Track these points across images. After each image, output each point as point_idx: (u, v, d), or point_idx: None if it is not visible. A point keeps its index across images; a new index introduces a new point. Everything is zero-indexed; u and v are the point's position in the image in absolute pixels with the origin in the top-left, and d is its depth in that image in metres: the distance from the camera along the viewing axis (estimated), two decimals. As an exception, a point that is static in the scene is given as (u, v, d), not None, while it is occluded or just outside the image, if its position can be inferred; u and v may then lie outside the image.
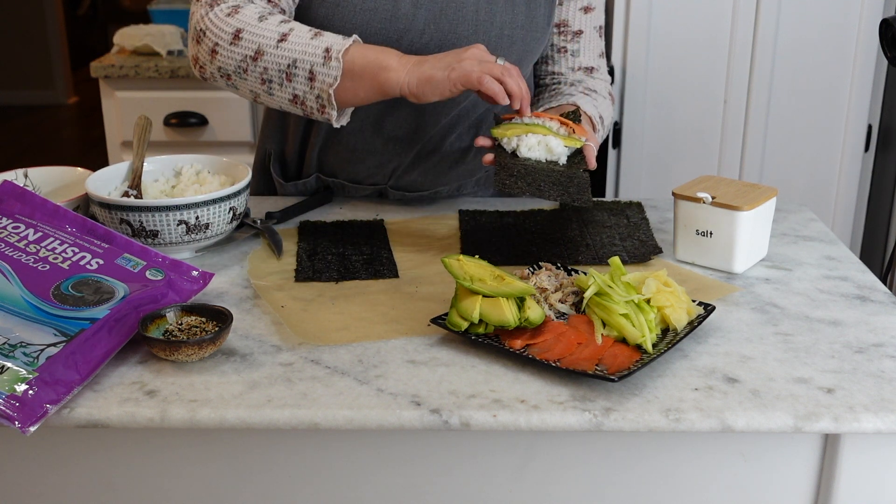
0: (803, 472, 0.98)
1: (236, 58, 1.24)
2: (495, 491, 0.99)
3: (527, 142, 1.21)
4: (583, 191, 1.17)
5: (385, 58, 1.21)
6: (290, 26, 1.24)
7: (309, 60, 1.21)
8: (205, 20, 1.27)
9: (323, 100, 1.22)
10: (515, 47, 1.39)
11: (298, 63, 1.21)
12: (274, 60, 1.22)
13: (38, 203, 1.14)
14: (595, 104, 1.43)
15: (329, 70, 1.20)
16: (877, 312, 1.12)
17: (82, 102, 6.29)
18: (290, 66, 1.22)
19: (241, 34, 1.24)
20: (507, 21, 1.37)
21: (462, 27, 1.35)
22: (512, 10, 1.37)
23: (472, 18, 1.35)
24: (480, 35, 1.36)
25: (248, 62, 1.24)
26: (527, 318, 1.01)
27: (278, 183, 1.52)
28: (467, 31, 1.35)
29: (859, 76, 2.33)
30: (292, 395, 0.92)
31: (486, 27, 1.36)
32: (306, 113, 1.25)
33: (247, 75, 1.25)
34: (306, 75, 1.21)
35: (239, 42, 1.24)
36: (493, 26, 1.36)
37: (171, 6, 3.13)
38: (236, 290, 1.17)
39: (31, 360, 0.92)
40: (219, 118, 2.69)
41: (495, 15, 1.36)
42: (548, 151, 1.21)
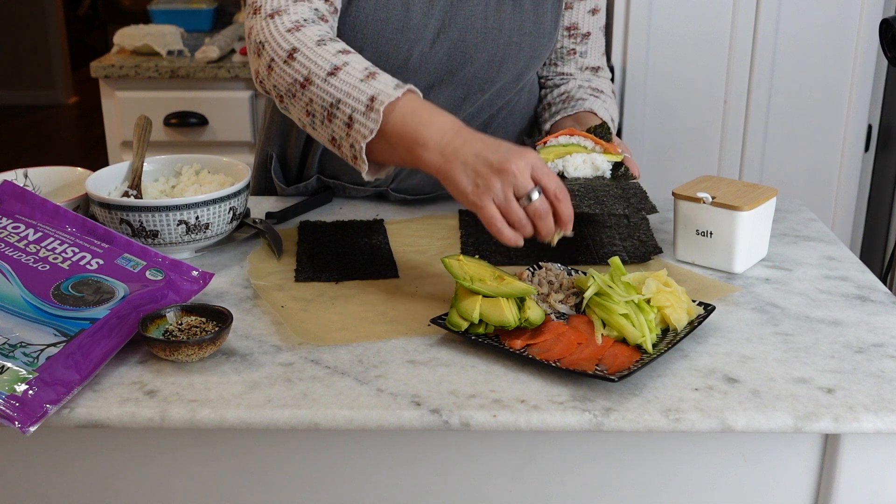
0: (803, 472, 0.98)
1: (287, 79, 1.16)
2: (495, 491, 0.99)
3: (573, 162, 1.23)
4: (643, 198, 1.20)
5: (425, 132, 1.08)
6: (346, 59, 1.14)
7: (351, 105, 1.10)
8: (264, 32, 1.19)
9: (356, 150, 1.11)
10: (523, 54, 1.40)
11: (341, 105, 1.11)
12: (319, 94, 1.13)
13: (38, 203, 1.14)
14: (606, 106, 1.47)
15: (367, 122, 1.09)
16: (877, 312, 1.12)
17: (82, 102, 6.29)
18: (332, 106, 1.12)
19: (296, 55, 1.15)
20: (516, 28, 1.38)
21: (471, 35, 1.36)
22: (520, 17, 1.38)
23: (480, 26, 1.36)
24: (489, 42, 1.36)
25: (297, 88, 1.15)
26: (527, 319, 1.01)
27: (279, 186, 1.52)
28: (476, 38, 1.36)
29: (859, 76, 2.33)
30: (292, 395, 0.93)
31: (494, 35, 1.37)
32: (343, 156, 1.15)
33: (295, 100, 1.16)
34: (345, 120, 1.11)
35: (292, 63, 1.15)
36: (502, 34, 1.37)
37: (171, 6, 3.13)
38: (236, 290, 1.17)
39: (31, 360, 0.92)
40: (219, 118, 2.69)
41: (503, 22, 1.37)
42: (594, 169, 1.24)
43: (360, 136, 1.10)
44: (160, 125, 2.66)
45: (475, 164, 1.04)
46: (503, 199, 1.04)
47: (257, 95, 2.70)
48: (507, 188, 1.03)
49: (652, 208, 1.19)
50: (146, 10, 3.13)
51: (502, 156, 1.04)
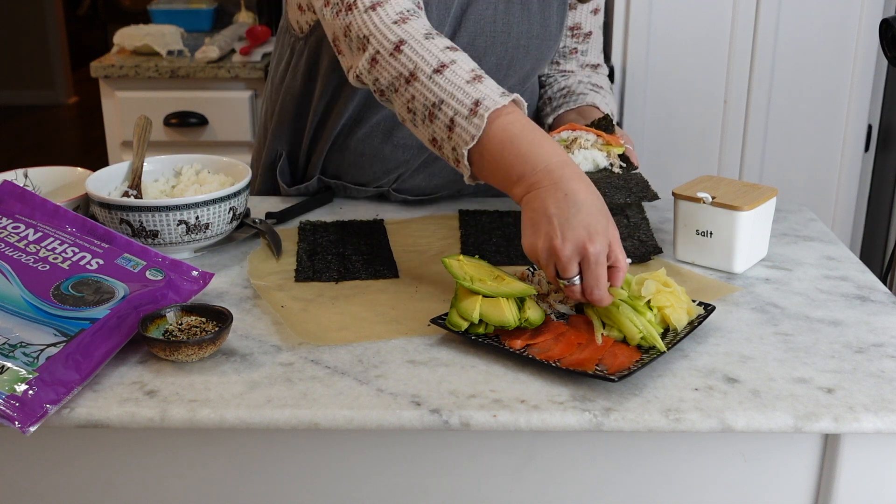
0: (803, 472, 0.98)
1: (392, 72, 1.13)
2: (495, 491, 0.99)
3: (575, 158, 1.24)
4: (644, 188, 1.22)
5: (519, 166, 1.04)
6: (454, 57, 1.11)
7: (454, 107, 1.07)
8: (368, 25, 1.15)
9: (458, 154, 1.08)
10: (530, 56, 1.41)
11: (444, 106, 1.08)
12: (422, 92, 1.10)
13: (38, 203, 1.14)
14: (605, 101, 1.49)
15: (470, 127, 1.06)
16: (877, 312, 1.12)
17: (82, 102, 6.29)
18: (434, 105, 1.09)
19: (403, 47, 1.12)
20: (524, 31, 1.39)
21: (480, 39, 1.36)
22: (528, 20, 1.39)
23: (489, 30, 1.36)
24: (498, 46, 1.37)
25: (401, 82, 1.12)
26: (527, 319, 1.01)
27: (281, 186, 1.52)
28: (485, 42, 1.36)
29: (859, 76, 2.33)
30: (292, 395, 0.93)
31: (503, 38, 1.37)
32: (445, 157, 1.12)
33: (396, 96, 1.13)
34: (447, 122, 1.08)
35: (399, 56, 1.12)
36: (511, 37, 1.38)
37: (171, 6, 3.13)
38: (236, 290, 1.17)
39: (31, 360, 0.92)
40: (219, 118, 2.69)
41: (512, 26, 1.37)
42: (594, 165, 1.25)
43: (462, 141, 1.07)
44: (160, 125, 2.66)
45: (539, 223, 1.02)
46: (545, 266, 1.03)
47: (257, 95, 2.70)
48: (550, 262, 1.02)
49: (654, 196, 1.20)
50: (146, 10, 3.13)
51: (563, 231, 1.00)
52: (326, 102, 1.42)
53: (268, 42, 2.86)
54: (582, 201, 1.01)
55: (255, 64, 2.67)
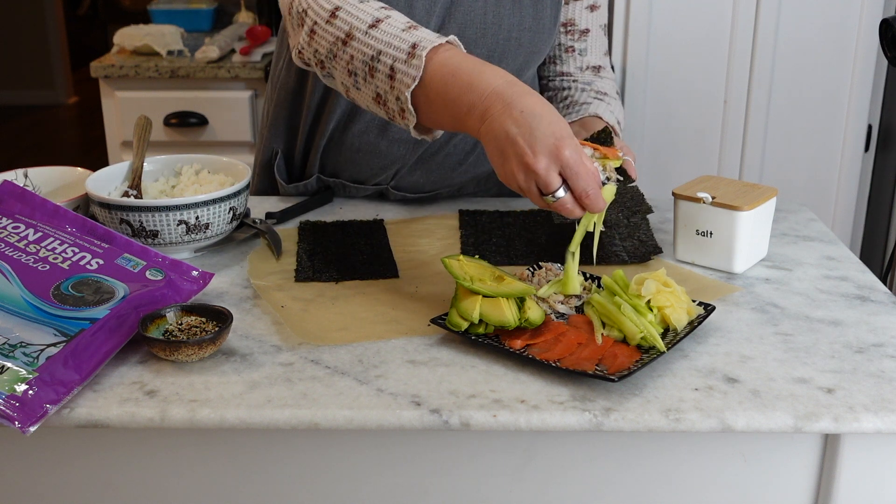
0: (803, 472, 0.98)
1: (329, 38, 1.13)
2: (495, 491, 0.99)
3: None
4: (639, 202, 1.20)
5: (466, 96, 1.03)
6: (388, 13, 1.12)
7: (392, 55, 1.07)
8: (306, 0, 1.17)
9: (402, 102, 1.07)
10: (522, 49, 1.39)
11: (382, 56, 1.08)
12: (360, 48, 1.10)
13: (38, 203, 1.14)
14: (611, 109, 1.45)
15: (409, 69, 1.05)
16: (877, 312, 1.12)
17: (82, 102, 6.29)
18: (373, 59, 1.08)
19: (338, 12, 1.13)
20: (515, 23, 1.37)
21: (470, 30, 1.35)
22: (519, 12, 1.37)
23: (479, 21, 1.35)
24: (488, 38, 1.36)
25: (339, 46, 1.12)
26: (527, 319, 1.01)
27: (280, 184, 1.52)
28: (475, 34, 1.35)
29: (859, 76, 2.33)
30: (292, 395, 0.93)
31: (493, 30, 1.36)
32: (390, 116, 1.11)
33: (336, 62, 1.13)
34: (387, 71, 1.07)
35: (334, 21, 1.13)
36: (501, 29, 1.37)
37: (171, 6, 3.13)
38: (236, 290, 1.17)
39: (31, 360, 0.92)
40: (219, 118, 2.69)
41: (502, 18, 1.36)
42: None
43: (404, 85, 1.05)
44: (160, 125, 2.66)
45: (504, 145, 1.00)
46: (525, 188, 1.01)
47: (257, 95, 2.70)
48: (529, 182, 1.00)
49: (647, 210, 1.19)
50: (146, 10, 3.13)
51: (531, 146, 0.98)
52: (319, 99, 1.43)
53: (268, 42, 2.86)
54: (539, 113, 0.99)
55: (255, 64, 2.67)
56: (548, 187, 0.99)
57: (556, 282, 1.09)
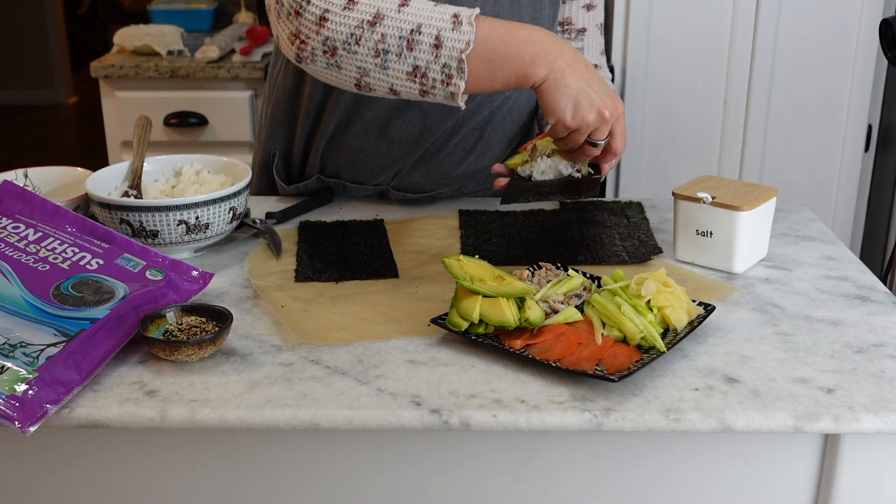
0: (803, 472, 0.98)
1: (350, 23, 1.12)
2: (495, 491, 0.99)
3: (538, 167, 1.23)
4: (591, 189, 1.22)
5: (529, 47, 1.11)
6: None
7: (436, 25, 1.10)
8: None
9: (451, 69, 1.10)
10: None
11: (423, 28, 1.10)
12: (395, 25, 1.11)
13: (38, 203, 1.14)
14: None
15: (460, 35, 1.09)
16: (877, 312, 1.12)
17: (82, 102, 6.29)
18: (412, 32, 1.10)
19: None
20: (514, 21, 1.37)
21: None
22: (518, 11, 1.37)
23: None
24: None
25: (365, 28, 1.11)
26: (527, 319, 1.01)
27: (279, 185, 1.52)
28: None
29: (859, 76, 2.33)
30: (292, 395, 0.93)
31: None
32: (425, 90, 1.13)
33: (359, 46, 1.12)
34: (432, 41, 1.10)
35: (354, 6, 1.12)
36: None
37: (171, 6, 3.13)
38: (236, 290, 1.17)
39: (31, 360, 0.92)
40: (219, 118, 2.69)
41: (500, 15, 1.36)
42: (557, 173, 1.23)
43: (457, 50, 1.10)
44: (160, 125, 2.66)
45: (578, 93, 1.11)
46: (584, 132, 1.13)
47: (257, 95, 2.70)
48: (592, 128, 1.12)
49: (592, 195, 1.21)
50: (146, 10, 3.13)
51: (601, 97, 1.11)
52: (318, 100, 1.42)
53: (268, 42, 2.86)
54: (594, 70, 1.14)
55: (255, 64, 2.67)
56: (602, 135, 1.13)
57: (557, 282, 1.09)
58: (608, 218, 1.40)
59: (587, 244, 1.31)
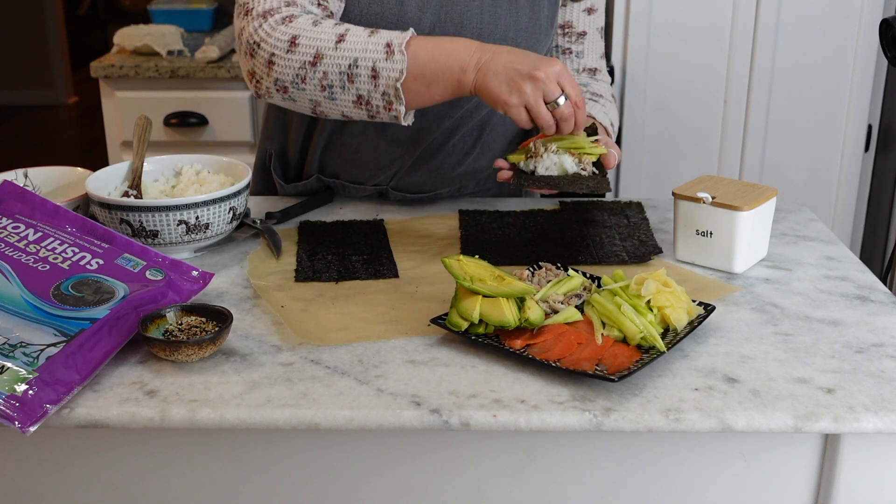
0: (803, 472, 0.98)
1: (294, 65, 1.20)
2: (495, 491, 0.99)
3: (543, 163, 1.22)
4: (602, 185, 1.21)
5: (458, 59, 1.17)
6: (346, 27, 1.21)
7: (370, 58, 1.18)
8: (259, 32, 1.22)
9: (390, 96, 1.18)
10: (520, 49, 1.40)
11: (360, 62, 1.18)
12: (333, 62, 1.19)
13: (38, 203, 1.14)
14: (605, 111, 1.46)
15: (393, 64, 1.17)
16: (877, 312, 1.12)
17: (82, 102, 6.29)
18: (350, 67, 1.18)
19: (298, 40, 1.20)
20: (511, 24, 1.37)
21: (466, 31, 1.35)
22: (516, 12, 1.38)
23: (476, 21, 1.35)
24: (485, 38, 1.36)
25: (307, 68, 1.19)
26: (527, 319, 1.01)
27: (279, 184, 1.52)
28: (471, 34, 1.35)
29: (859, 76, 2.33)
30: (292, 395, 0.93)
31: (490, 30, 1.36)
32: (371, 115, 1.21)
33: (305, 84, 1.21)
34: (369, 73, 1.18)
35: (296, 49, 1.20)
36: (497, 29, 1.37)
37: (171, 6, 3.13)
38: (236, 290, 1.17)
39: (31, 360, 0.92)
40: (219, 118, 2.69)
41: (499, 17, 1.36)
42: (562, 170, 1.23)
43: (392, 79, 1.17)
44: (160, 125, 2.66)
45: (506, 73, 1.15)
46: (534, 102, 1.14)
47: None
48: (537, 93, 1.14)
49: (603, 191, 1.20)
50: (146, 10, 3.13)
51: (531, 64, 1.15)
52: None
53: (268, 42, 2.86)
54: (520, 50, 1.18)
55: (255, 64, 2.66)
56: (553, 93, 1.15)
57: (557, 282, 1.09)
58: (608, 218, 1.40)
59: (587, 244, 1.31)
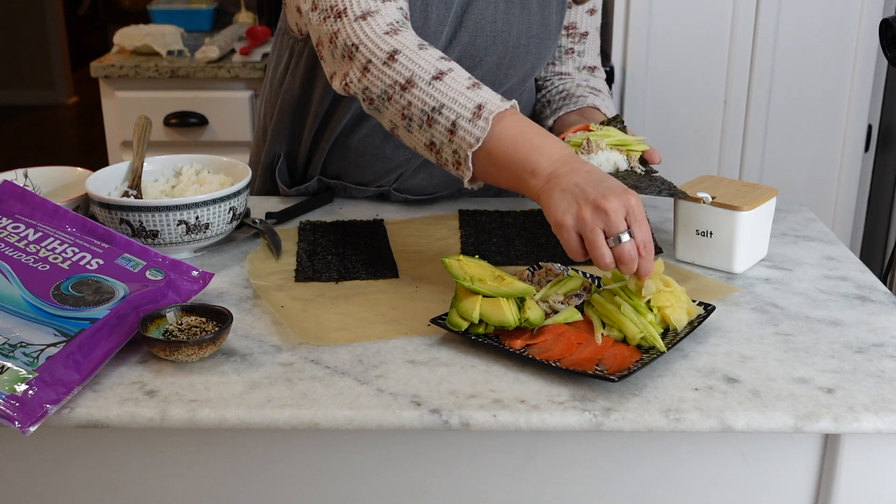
0: (803, 472, 0.98)
1: (386, 80, 1.13)
2: (495, 491, 0.99)
3: (595, 160, 1.24)
4: (672, 186, 1.21)
5: (536, 158, 1.06)
6: (450, 66, 1.13)
7: (457, 111, 1.09)
8: (358, 34, 1.16)
9: (460, 157, 1.09)
10: (530, 56, 1.41)
11: (444, 110, 1.09)
12: (421, 97, 1.11)
13: (38, 203, 1.14)
14: (605, 105, 1.48)
15: (474, 129, 1.07)
16: (877, 312, 1.12)
17: (82, 102, 6.29)
18: (434, 110, 1.10)
19: (398, 56, 1.13)
20: (524, 31, 1.39)
21: (481, 39, 1.36)
22: (528, 19, 1.39)
23: (490, 29, 1.36)
24: (498, 45, 1.37)
25: (396, 90, 1.12)
26: (527, 319, 1.01)
27: (281, 187, 1.52)
28: (486, 42, 1.36)
29: (859, 76, 2.33)
30: (292, 395, 0.93)
31: (503, 38, 1.37)
32: (440, 162, 1.13)
33: (389, 104, 1.14)
34: (448, 126, 1.09)
35: (393, 65, 1.13)
36: (511, 36, 1.38)
37: (171, 6, 3.13)
38: (236, 290, 1.17)
39: (31, 360, 0.92)
40: (219, 118, 2.69)
41: (512, 25, 1.37)
42: (615, 168, 1.24)
43: (466, 143, 1.08)
44: (160, 125, 2.66)
45: (573, 192, 1.03)
46: (590, 232, 1.01)
47: (257, 95, 2.70)
48: (596, 223, 1.01)
49: (684, 194, 1.20)
50: (146, 10, 3.13)
51: (601, 192, 1.01)
52: (328, 106, 1.42)
53: (267, 42, 2.86)
54: (602, 173, 1.05)
55: (255, 64, 2.67)
56: (617, 227, 1.00)
57: (557, 282, 1.09)
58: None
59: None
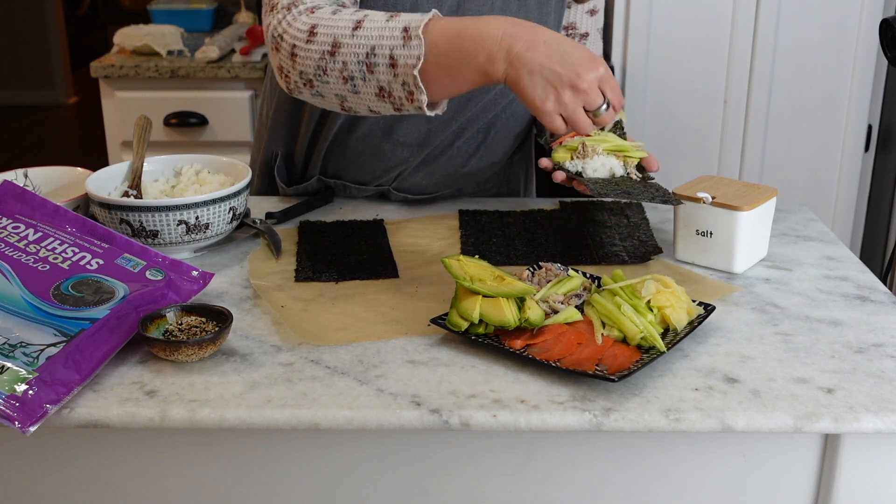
0: (803, 472, 0.98)
1: (314, 56, 1.14)
2: (495, 491, 0.99)
3: (592, 164, 1.24)
4: (665, 192, 1.22)
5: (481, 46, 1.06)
6: (365, 13, 1.15)
7: (387, 45, 1.09)
8: (282, 24, 1.19)
9: (409, 85, 1.09)
10: None
11: (377, 50, 1.10)
12: (351, 51, 1.11)
13: (38, 203, 1.14)
14: None
15: (410, 51, 1.07)
16: (877, 312, 1.12)
17: (82, 102, 6.29)
18: (368, 56, 1.10)
19: (316, 29, 1.14)
20: None
21: None
22: (525, 16, 1.38)
23: None
24: None
25: (327, 59, 1.13)
26: (527, 319, 1.01)
27: (280, 186, 1.52)
28: None
29: (859, 76, 2.33)
30: (292, 395, 0.93)
31: None
32: (397, 107, 1.14)
33: (327, 76, 1.14)
34: (387, 61, 1.09)
35: (315, 38, 1.14)
36: None
37: (171, 6, 3.13)
38: (236, 290, 1.17)
39: (31, 360, 0.92)
40: (219, 118, 2.69)
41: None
42: (610, 173, 1.25)
43: (409, 66, 1.08)
44: (160, 125, 2.66)
45: (543, 74, 1.04)
46: (572, 112, 1.06)
47: (257, 95, 2.70)
48: (577, 103, 1.05)
49: (678, 200, 1.21)
50: (146, 10, 3.13)
51: (573, 70, 1.04)
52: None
53: (268, 42, 2.86)
54: (557, 38, 1.06)
55: (255, 64, 2.67)
56: (596, 102, 1.06)
57: (557, 282, 1.09)
58: (608, 218, 1.40)
59: (587, 244, 1.31)
